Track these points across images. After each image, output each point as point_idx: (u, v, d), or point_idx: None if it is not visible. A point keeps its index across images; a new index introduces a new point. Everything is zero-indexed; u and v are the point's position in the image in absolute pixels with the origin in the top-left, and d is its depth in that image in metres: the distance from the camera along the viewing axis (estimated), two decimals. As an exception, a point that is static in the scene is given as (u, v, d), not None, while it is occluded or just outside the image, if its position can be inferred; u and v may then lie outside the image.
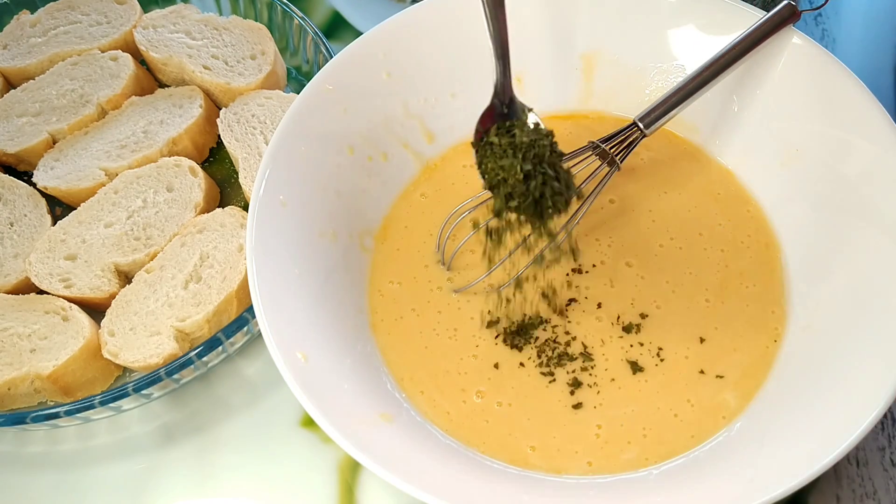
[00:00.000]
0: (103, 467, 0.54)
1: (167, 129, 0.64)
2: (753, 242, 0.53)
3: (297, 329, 0.46)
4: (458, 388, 0.49)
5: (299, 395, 0.42)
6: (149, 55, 0.68)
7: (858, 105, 0.49)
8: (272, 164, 0.50)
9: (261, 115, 0.64)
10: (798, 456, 0.41)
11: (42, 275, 0.58)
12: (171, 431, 0.55)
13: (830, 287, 0.49)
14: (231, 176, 0.65)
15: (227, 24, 0.69)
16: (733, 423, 0.46)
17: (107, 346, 0.54)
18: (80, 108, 0.66)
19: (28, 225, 0.62)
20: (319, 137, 0.54)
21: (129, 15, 0.71)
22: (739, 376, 0.48)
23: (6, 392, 0.54)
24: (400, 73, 0.57)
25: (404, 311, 0.52)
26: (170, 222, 0.60)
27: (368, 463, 0.40)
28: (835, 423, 0.41)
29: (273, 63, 0.67)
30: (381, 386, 0.49)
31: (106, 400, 0.51)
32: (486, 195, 0.55)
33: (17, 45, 0.71)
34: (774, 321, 0.50)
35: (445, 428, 0.48)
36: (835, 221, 0.50)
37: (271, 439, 0.54)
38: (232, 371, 0.57)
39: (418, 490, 0.40)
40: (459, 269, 0.54)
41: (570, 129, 0.59)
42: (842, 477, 0.50)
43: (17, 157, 0.65)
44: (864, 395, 0.41)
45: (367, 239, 0.55)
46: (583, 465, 0.46)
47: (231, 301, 0.55)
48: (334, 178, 0.54)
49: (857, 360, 0.44)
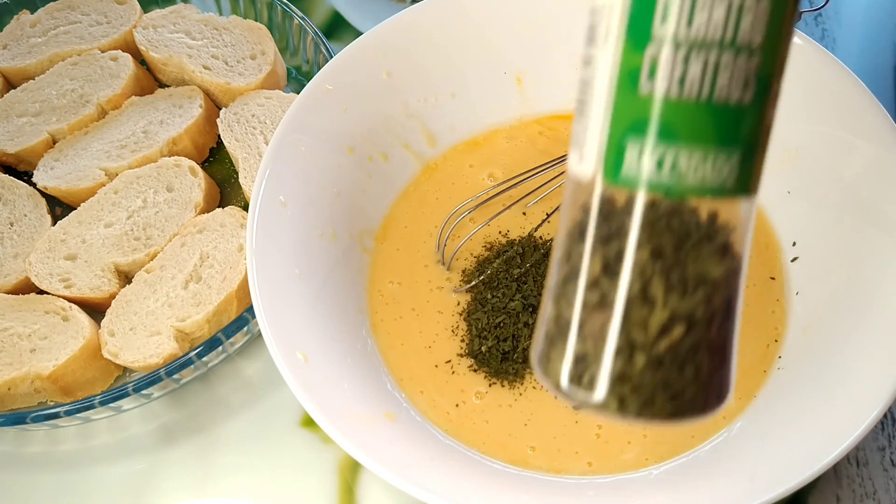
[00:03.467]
0: (103, 467, 0.54)
1: (167, 129, 0.64)
2: (753, 242, 0.53)
3: (297, 329, 0.46)
4: (458, 389, 0.49)
5: (299, 395, 0.42)
6: (149, 55, 0.68)
7: (858, 105, 0.49)
8: (272, 164, 0.50)
9: (261, 115, 0.64)
10: (798, 456, 0.41)
11: (42, 275, 0.58)
12: (171, 431, 0.55)
13: (830, 287, 0.49)
14: (231, 176, 0.65)
15: (227, 24, 0.69)
16: (733, 423, 0.46)
17: (107, 346, 0.54)
18: (80, 108, 0.66)
19: (28, 225, 0.62)
20: (319, 137, 0.54)
21: (129, 15, 0.71)
22: (739, 376, 0.47)
23: (6, 392, 0.54)
24: (400, 73, 0.57)
25: (404, 311, 0.53)
26: (170, 222, 0.60)
27: (368, 463, 0.41)
28: (835, 423, 0.41)
29: (273, 63, 0.67)
30: (381, 386, 0.49)
31: (106, 400, 0.51)
32: (486, 195, 0.55)
33: (17, 45, 0.71)
34: (774, 321, 0.50)
35: (445, 428, 0.48)
36: (835, 221, 0.50)
37: (271, 439, 0.54)
38: (232, 371, 0.57)
39: (418, 490, 0.40)
40: (459, 270, 0.54)
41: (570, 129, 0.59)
42: (842, 477, 0.50)
43: (17, 157, 0.65)
44: (864, 395, 0.41)
45: (367, 239, 0.55)
46: (583, 466, 0.46)
47: (231, 301, 0.55)
48: (334, 178, 0.54)
49: (857, 360, 0.44)
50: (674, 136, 0.22)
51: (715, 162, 0.22)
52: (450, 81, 0.58)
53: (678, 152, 0.22)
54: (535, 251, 0.53)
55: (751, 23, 0.22)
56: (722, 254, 0.25)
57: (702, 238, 0.24)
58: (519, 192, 0.55)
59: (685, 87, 0.22)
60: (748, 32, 0.22)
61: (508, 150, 0.59)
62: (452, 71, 0.58)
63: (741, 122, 0.23)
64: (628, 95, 0.22)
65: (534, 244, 0.53)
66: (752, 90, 0.22)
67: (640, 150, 0.22)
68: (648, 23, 0.22)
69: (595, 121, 0.23)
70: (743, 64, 0.22)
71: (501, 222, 0.55)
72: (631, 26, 0.22)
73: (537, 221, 0.55)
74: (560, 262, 0.26)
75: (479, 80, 0.58)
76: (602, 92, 0.23)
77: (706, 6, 0.21)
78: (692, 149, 0.22)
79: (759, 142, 0.24)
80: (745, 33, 0.22)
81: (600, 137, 0.23)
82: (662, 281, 0.24)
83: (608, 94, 0.23)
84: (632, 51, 0.22)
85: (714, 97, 0.22)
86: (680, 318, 0.24)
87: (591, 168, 0.24)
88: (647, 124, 0.22)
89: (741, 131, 0.23)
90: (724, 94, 0.22)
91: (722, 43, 0.22)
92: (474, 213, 0.55)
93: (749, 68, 0.22)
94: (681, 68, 0.22)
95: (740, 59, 0.22)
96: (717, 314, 0.25)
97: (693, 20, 0.21)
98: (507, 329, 0.50)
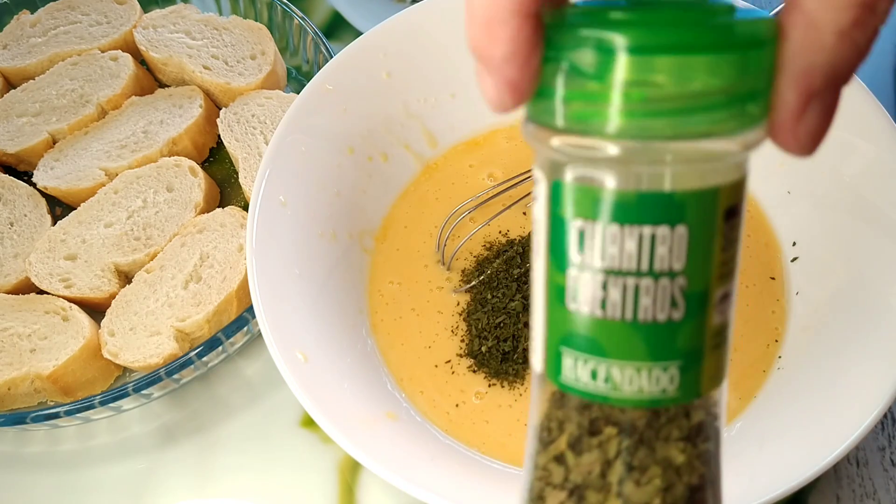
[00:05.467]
0: (103, 467, 0.54)
1: (167, 129, 0.64)
2: (753, 242, 0.53)
3: (297, 329, 0.46)
4: (457, 389, 0.49)
5: (299, 395, 0.42)
6: (149, 55, 0.68)
7: (858, 105, 0.49)
8: (272, 164, 0.50)
9: (261, 115, 0.64)
10: (798, 456, 0.41)
11: (42, 275, 0.58)
12: (171, 431, 0.55)
13: (830, 287, 0.49)
14: (231, 176, 0.65)
15: (227, 24, 0.69)
16: (733, 424, 0.46)
17: (107, 346, 0.54)
18: (80, 108, 0.66)
19: (28, 225, 0.62)
20: (319, 137, 0.54)
21: (129, 15, 0.71)
22: (739, 376, 0.48)
23: (6, 392, 0.54)
24: (400, 73, 0.57)
25: (404, 311, 0.53)
26: (170, 222, 0.60)
27: (368, 463, 0.40)
28: (835, 423, 0.41)
29: (273, 63, 0.67)
30: (381, 386, 0.49)
31: (106, 400, 0.51)
32: (486, 195, 0.55)
33: (17, 45, 0.71)
34: (774, 321, 0.50)
35: (445, 428, 0.48)
36: (835, 221, 0.50)
37: (271, 439, 0.54)
38: (232, 371, 0.57)
39: (418, 490, 0.40)
40: (459, 269, 0.54)
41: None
42: (842, 477, 0.50)
43: (17, 157, 0.65)
44: (864, 395, 0.41)
45: (366, 239, 0.55)
46: (583, 466, 0.46)
47: (231, 301, 0.55)
48: (334, 178, 0.54)
49: (857, 360, 0.44)
50: (603, 352, 0.21)
51: (650, 375, 0.21)
52: (450, 81, 0.58)
53: (610, 366, 0.21)
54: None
55: (667, 251, 0.20)
56: (685, 441, 0.23)
57: (661, 429, 0.23)
58: (519, 192, 0.55)
59: (608, 308, 0.21)
60: (665, 260, 0.21)
61: (508, 150, 0.59)
62: (452, 71, 0.58)
63: (674, 337, 0.21)
64: (558, 309, 0.22)
65: (534, 244, 0.53)
66: (681, 308, 0.21)
67: (573, 360, 0.22)
68: (564, 249, 0.21)
69: (537, 321, 0.23)
70: (666, 287, 0.21)
71: (501, 222, 0.55)
72: (552, 249, 0.22)
73: (537, 221, 0.55)
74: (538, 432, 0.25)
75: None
76: (539, 298, 0.23)
77: (616, 240, 0.20)
78: (624, 364, 0.21)
79: (703, 347, 0.22)
80: (663, 261, 0.21)
81: (542, 341, 0.23)
82: (622, 469, 0.23)
83: (543, 303, 0.22)
84: (556, 270, 0.22)
85: (639, 318, 0.21)
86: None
87: (540, 365, 0.23)
88: (577, 339, 0.22)
89: (676, 345, 0.21)
90: (650, 315, 0.21)
91: (638, 272, 0.21)
92: (474, 213, 0.55)
93: (674, 289, 0.21)
94: (601, 292, 0.21)
95: (662, 283, 0.21)
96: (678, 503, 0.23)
97: (605, 252, 0.21)
98: (507, 329, 0.50)
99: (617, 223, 0.21)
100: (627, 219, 0.20)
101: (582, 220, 0.21)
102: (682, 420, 0.23)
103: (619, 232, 0.21)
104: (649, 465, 0.23)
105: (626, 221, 0.21)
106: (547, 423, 0.24)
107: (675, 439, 0.23)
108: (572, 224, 0.21)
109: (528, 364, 0.49)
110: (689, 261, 0.21)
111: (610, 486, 0.23)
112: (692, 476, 0.23)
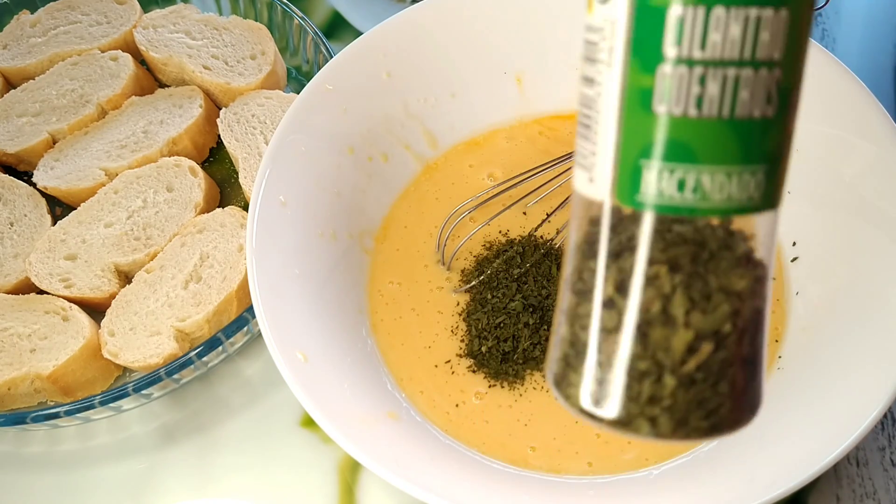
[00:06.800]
0: (103, 467, 0.54)
1: (167, 129, 0.64)
2: (753, 242, 0.53)
3: (297, 329, 0.46)
4: (457, 389, 0.49)
5: (299, 395, 0.42)
6: (149, 55, 0.68)
7: (858, 105, 0.49)
8: (272, 164, 0.50)
9: (261, 115, 0.64)
10: (798, 456, 0.41)
11: (42, 275, 0.58)
12: (171, 431, 0.55)
13: (830, 287, 0.49)
14: (231, 176, 0.65)
15: (227, 24, 0.69)
16: (733, 423, 0.46)
17: (107, 346, 0.54)
18: (80, 108, 0.66)
19: (28, 225, 0.62)
20: (319, 137, 0.54)
21: (129, 15, 0.71)
22: (739, 376, 0.48)
23: (6, 392, 0.54)
24: (400, 73, 0.57)
25: (404, 311, 0.53)
26: (170, 222, 0.60)
27: (368, 463, 0.40)
28: (835, 423, 0.41)
29: (273, 63, 0.67)
30: (381, 386, 0.49)
31: (106, 400, 0.51)
32: (486, 195, 0.55)
33: (17, 45, 0.71)
34: (774, 321, 0.50)
35: (445, 428, 0.48)
36: (835, 221, 0.50)
37: (271, 439, 0.54)
38: (232, 371, 0.57)
39: (418, 490, 0.40)
40: (459, 269, 0.54)
41: (570, 129, 0.59)
42: (842, 477, 0.50)
43: (17, 157, 0.65)
44: (864, 395, 0.41)
45: (367, 239, 0.55)
46: (583, 466, 0.46)
47: (231, 301, 0.55)
48: (334, 178, 0.54)
49: (857, 360, 0.44)
50: (694, 157, 0.21)
51: (740, 180, 0.21)
52: (450, 81, 0.58)
53: (700, 173, 0.21)
54: (536, 251, 0.53)
55: (770, 37, 0.20)
56: (745, 265, 0.23)
57: (723, 252, 0.23)
58: (519, 192, 0.55)
59: (704, 106, 0.20)
60: (768, 47, 0.20)
61: (508, 150, 0.59)
62: (452, 71, 0.58)
63: (766, 137, 0.21)
64: (640, 117, 0.21)
65: (534, 244, 0.53)
66: (775, 104, 0.21)
67: (657, 173, 0.21)
68: (658, 43, 0.20)
69: (604, 143, 0.22)
70: (764, 78, 0.21)
71: (501, 222, 0.55)
72: (638, 47, 0.21)
73: (537, 221, 0.55)
74: (571, 282, 0.24)
75: (479, 80, 0.58)
76: (610, 113, 0.22)
77: (720, 25, 0.20)
78: (715, 168, 0.21)
79: (783, 154, 0.22)
80: (765, 48, 0.20)
81: (612, 160, 0.22)
82: (684, 299, 0.22)
83: (617, 116, 0.21)
84: (641, 71, 0.21)
85: (736, 114, 0.21)
86: (707, 336, 0.23)
87: (604, 191, 0.22)
88: (665, 146, 0.21)
89: (766, 146, 0.21)
90: (747, 111, 0.21)
91: (741, 60, 0.20)
92: (474, 213, 0.55)
93: (770, 82, 0.21)
94: (697, 87, 0.20)
95: (761, 74, 0.20)
96: (746, 327, 0.23)
97: (707, 39, 0.20)
98: (507, 329, 0.50)
99: (723, 5, 0.20)
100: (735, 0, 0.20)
101: (682, 5, 0.20)
102: (742, 245, 0.23)
103: (726, 15, 0.20)
104: (715, 291, 0.23)
105: (733, 3, 0.20)
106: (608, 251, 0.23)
107: (736, 265, 0.23)
108: (672, 11, 0.20)
109: (528, 364, 0.50)
110: (787, 50, 0.21)
111: (675, 319, 0.22)
112: (755, 300, 0.24)
